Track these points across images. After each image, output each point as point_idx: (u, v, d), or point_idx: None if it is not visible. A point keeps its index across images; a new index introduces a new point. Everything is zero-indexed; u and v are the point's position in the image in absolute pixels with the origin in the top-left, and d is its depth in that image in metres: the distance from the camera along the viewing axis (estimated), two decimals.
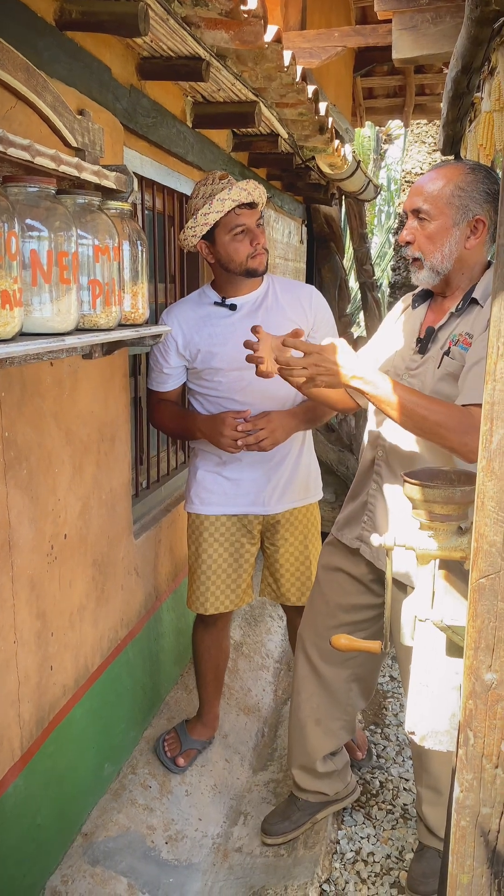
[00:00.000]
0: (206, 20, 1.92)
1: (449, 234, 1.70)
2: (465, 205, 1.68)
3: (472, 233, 1.70)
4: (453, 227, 1.69)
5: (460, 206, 1.68)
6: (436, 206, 1.69)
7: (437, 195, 1.69)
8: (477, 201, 1.68)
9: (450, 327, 1.76)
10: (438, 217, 1.70)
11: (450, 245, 1.70)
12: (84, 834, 2.11)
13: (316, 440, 4.33)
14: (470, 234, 1.70)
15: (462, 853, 0.99)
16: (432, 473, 1.28)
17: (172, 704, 2.78)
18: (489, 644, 0.92)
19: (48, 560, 1.85)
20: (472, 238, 1.70)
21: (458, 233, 1.70)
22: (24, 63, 1.39)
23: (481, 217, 1.69)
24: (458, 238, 1.70)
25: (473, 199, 1.68)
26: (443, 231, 1.70)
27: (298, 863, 2.15)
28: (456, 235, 1.70)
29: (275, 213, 4.28)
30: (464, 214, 1.69)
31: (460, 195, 1.68)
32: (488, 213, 1.69)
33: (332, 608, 2.07)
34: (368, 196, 5.56)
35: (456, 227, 1.69)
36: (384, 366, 1.89)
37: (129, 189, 1.74)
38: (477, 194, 1.68)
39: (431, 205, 1.70)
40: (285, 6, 4.32)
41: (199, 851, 2.21)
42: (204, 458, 2.35)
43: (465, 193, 1.68)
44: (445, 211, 1.69)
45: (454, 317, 1.76)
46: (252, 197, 2.12)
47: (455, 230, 1.70)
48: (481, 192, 1.68)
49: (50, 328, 1.35)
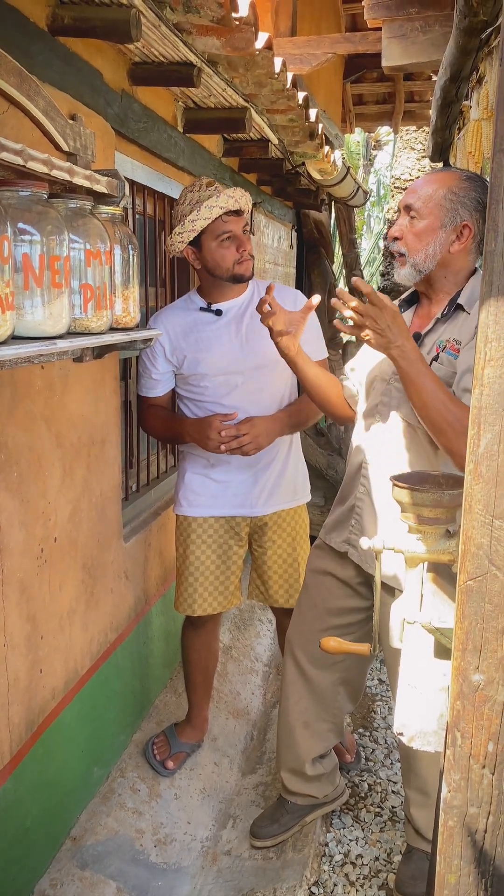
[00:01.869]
0: (198, 27, 1.93)
1: (435, 234, 1.74)
2: (454, 209, 1.72)
3: (457, 237, 1.74)
4: (440, 229, 1.73)
5: (450, 209, 1.72)
6: (426, 205, 1.74)
7: (430, 196, 1.73)
8: (466, 207, 1.72)
9: (436, 333, 1.78)
10: (427, 217, 1.74)
11: (434, 246, 1.74)
12: (73, 838, 2.10)
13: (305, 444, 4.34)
14: (455, 239, 1.74)
15: (449, 853, 1.00)
16: (421, 477, 1.30)
17: (162, 708, 2.78)
18: (476, 646, 0.93)
19: (38, 563, 1.85)
20: (457, 243, 1.74)
21: (444, 235, 1.73)
22: (17, 68, 1.40)
23: (468, 223, 1.72)
24: (443, 240, 1.74)
25: (463, 205, 1.72)
26: (430, 231, 1.74)
27: (287, 865, 2.16)
28: (441, 237, 1.73)
29: (265, 218, 4.30)
30: (452, 218, 1.72)
31: (451, 199, 1.72)
32: (476, 221, 1.72)
33: (320, 612, 2.08)
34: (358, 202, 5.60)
35: (442, 230, 1.73)
36: (371, 371, 1.90)
37: (121, 193, 1.75)
38: (468, 201, 1.72)
39: (423, 204, 1.74)
40: (276, 13, 4.35)
41: (187, 855, 2.21)
42: (192, 461, 2.36)
43: (457, 198, 1.72)
44: (435, 212, 1.73)
45: (440, 322, 1.78)
46: (239, 204, 2.14)
47: (441, 232, 1.73)
48: (472, 200, 1.71)
49: (41, 332, 1.36)
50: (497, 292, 0.86)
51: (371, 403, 1.91)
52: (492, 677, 0.93)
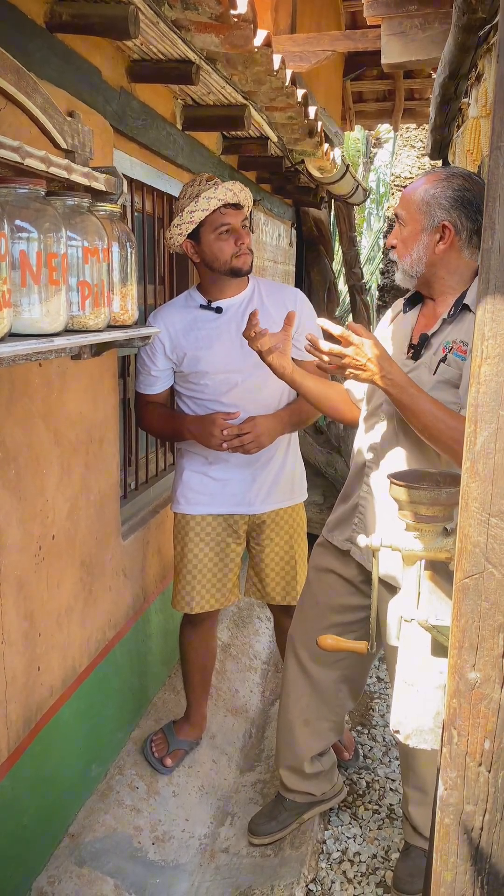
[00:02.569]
0: (196, 24, 1.92)
1: (417, 238, 1.75)
2: (430, 211, 1.73)
3: (440, 238, 1.74)
4: (421, 233, 1.75)
5: (426, 212, 1.74)
6: (409, 212, 1.76)
7: (410, 201, 1.76)
8: (443, 207, 1.72)
9: (442, 334, 1.78)
10: (410, 223, 1.76)
11: (418, 250, 1.76)
12: (71, 835, 2.11)
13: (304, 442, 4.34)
14: (439, 240, 1.74)
15: (446, 851, 1.00)
16: (418, 475, 1.30)
17: (160, 705, 2.79)
18: (473, 643, 0.93)
19: (36, 561, 1.85)
20: (441, 243, 1.74)
21: (426, 238, 1.75)
22: (14, 65, 1.40)
23: (446, 223, 1.72)
24: (426, 243, 1.75)
25: (440, 206, 1.72)
26: (413, 236, 1.76)
27: (285, 863, 2.16)
28: (424, 241, 1.75)
29: (264, 215, 4.30)
30: (430, 220, 1.74)
31: (427, 201, 1.73)
32: (458, 218, 1.71)
33: (322, 609, 2.09)
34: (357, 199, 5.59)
35: (424, 233, 1.75)
36: None
37: (119, 191, 1.75)
38: (443, 200, 1.72)
39: (406, 210, 1.76)
40: (275, 10, 4.34)
41: (185, 852, 2.21)
42: (190, 459, 2.36)
43: (433, 200, 1.73)
44: (416, 216, 1.75)
45: (446, 323, 1.78)
46: (238, 198, 2.13)
47: (423, 235, 1.75)
48: (448, 199, 1.72)
49: (39, 329, 1.36)
50: (494, 290, 0.86)
51: (374, 404, 1.91)
52: (488, 675, 0.93)
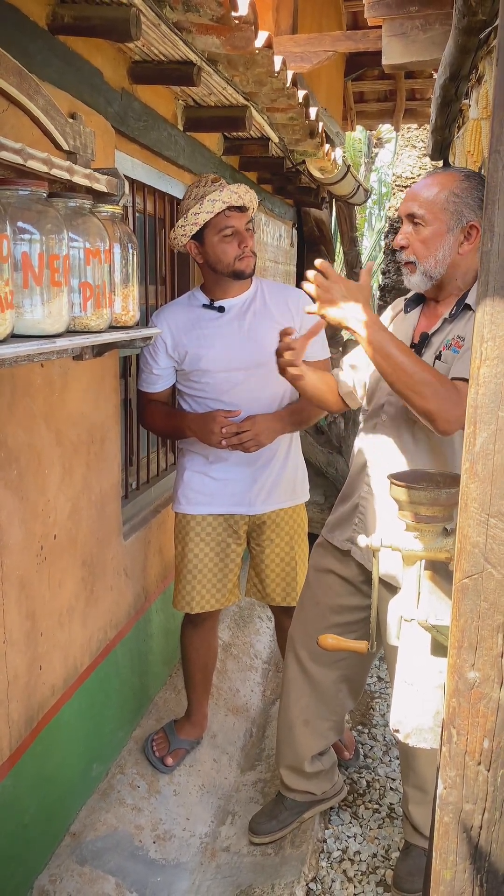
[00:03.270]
0: (198, 25, 1.93)
1: (443, 239, 1.72)
2: (459, 210, 1.70)
3: (465, 238, 1.72)
4: (447, 233, 1.71)
5: (455, 211, 1.70)
6: (431, 211, 1.71)
7: (433, 201, 1.71)
8: (471, 207, 1.70)
9: (443, 333, 1.77)
10: (433, 222, 1.71)
11: (443, 250, 1.72)
12: (72, 833, 2.11)
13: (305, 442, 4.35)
14: (464, 240, 1.72)
15: (445, 849, 1.01)
16: (418, 475, 1.30)
17: (161, 704, 2.79)
18: (472, 643, 0.93)
19: (38, 560, 1.86)
20: (466, 244, 1.72)
21: (451, 238, 1.72)
22: (16, 67, 1.41)
23: (475, 223, 1.70)
24: (451, 244, 1.72)
25: (468, 206, 1.70)
26: (437, 236, 1.72)
27: (285, 862, 2.17)
28: (450, 241, 1.72)
29: (265, 216, 4.30)
30: (458, 220, 1.70)
31: (455, 201, 1.70)
32: (481, 220, 1.71)
33: (322, 609, 2.09)
34: (358, 200, 5.60)
35: (450, 233, 1.71)
36: (375, 372, 1.90)
37: (121, 192, 1.75)
38: (471, 200, 1.70)
39: (427, 210, 1.71)
40: (277, 10, 4.35)
41: (186, 851, 2.22)
42: (191, 459, 2.36)
43: (460, 199, 1.70)
44: (440, 216, 1.71)
45: (447, 322, 1.77)
46: (243, 200, 2.14)
47: (449, 236, 1.71)
48: (475, 199, 1.70)
49: (41, 330, 1.36)
50: (493, 292, 0.86)
51: (376, 404, 1.91)
52: (487, 675, 0.93)
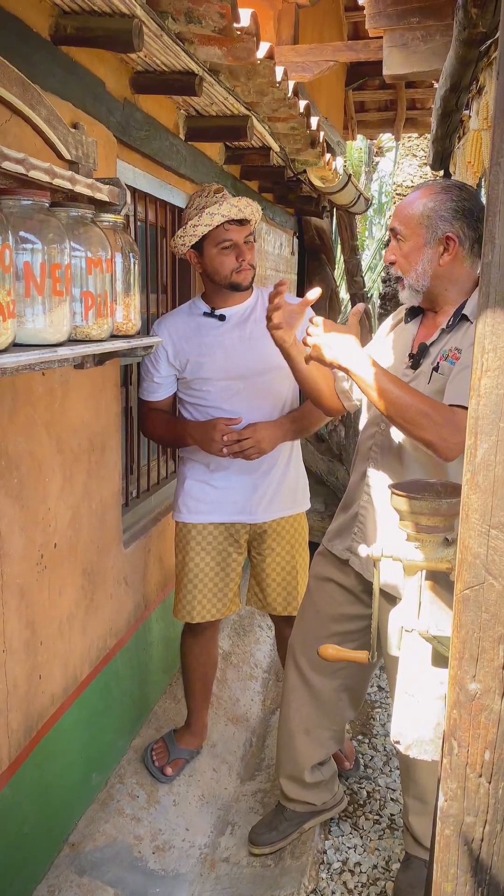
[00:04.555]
0: (200, 36, 1.94)
1: (421, 252, 1.75)
2: (433, 224, 1.73)
3: (444, 250, 1.74)
4: (425, 246, 1.74)
5: (428, 225, 1.73)
6: (408, 226, 1.75)
7: (409, 216, 1.75)
8: (445, 219, 1.72)
9: (441, 343, 1.78)
10: (411, 237, 1.75)
11: (423, 263, 1.75)
12: (71, 844, 2.10)
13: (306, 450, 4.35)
14: (443, 252, 1.74)
15: (446, 862, 1.00)
16: (419, 485, 1.30)
17: (161, 714, 2.78)
18: (473, 654, 0.93)
19: (38, 569, 1.85)
20: (446, 255, 1.74)
21: (430, 251, 1.74)
22: (19, 77, 1.41)
23: (450, 234, 1.72)
24: (430, 256, 1.75)
25: (442, 218, 1.72)
26: (415, 250, 1.75)
27: (285, 873, 2.15)
28: (428, 254, 1.75)
29: (266, 225, 4.31)
30: (433, 233, 1.73)
31: (429, 215, 1.73)
32: (459, 229, 1.72)
33: (322, 618, 2.09)
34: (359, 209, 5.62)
35: (427, 246, 1.74)
36: None
37: (122, 202, 1.76)
38: (444, 212, 1.72)
39: (405, 225, 1.76)
40: (278, 21, 4.37)
41: (186, 861, 2.21)
42: (192, 467, 2.36)
43: (434, 213, 1.73)
44: (417, 231, 1.74)
45: (445, 333, 1.79)
46: (243, 214, 2.15)
47: (427, 249, 1.74)
48: (449, 210, 1.72)
49: (43, 339, 1.36)
50: (494, 303, 0.86)
51: (375, 413, 1.91)
52: (488, 686, 0.93)
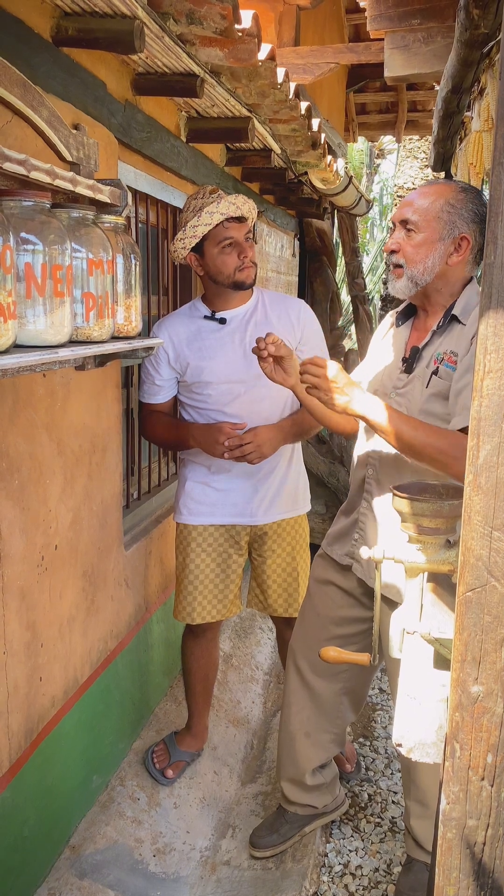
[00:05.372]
0: (201, 38, 1.94)
1: (434, 247, 1.73)
2: (452, 221, 1.71)
3: (455, 250, 1.73)
4: (438, 242, 1.72)
5: (448, 221, 1.71)
6: (424, 218, 1.72)
7: (427, 208, 1.72)
8: (464, 219, 1.71)
9: (433, 345, 1.78)
10: (425, 229, 1.73)
11: (433, 258, 1.73)
12: (71, 846, 2.10)
13: (307, 452, 4.34)
14: (454, 251, 1.73)
15: (448, 865, 1.00)
16: (421, 487, 1.30)
17: (161, 716, 2.78)
18: (476, 657, 0.93)
19: (39, 571, 1.85)
20: (455, 255, 1.73)
21: (442, 248, 1.73)
22: (21, 79, 1.41)
23: (466, 235, 1.72)
24: (441, 253, 1.73)
25: (461, 217, 1.71)
26: (428, 244, 1.73)
27: (286, 876, 2.15)
28: (440, 250, 1.73)
29: (267, 226, 4.31)
30: (450, 231, 1.72)
31: (449, 211, 1.71)
32: (474, 233, 1.72)
33: (323, 621, 2.08)
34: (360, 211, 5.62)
35: (441, 242, 1.72)
36: (372, 385, 1.90)
37: (124, 203, 1.76)
38: (465, 212, 1.71)
39: (420, 216, 1.73)
40: (279, 23, 4.38)
41: (186, 864, 2.20)
42: (193, 469, 2.36)
43: (454, 210, 1.71)
44: (433, 224, 1.72)
45: (436, 335, 1.78)
46: (241, 211, 2.14)
47: (440, 244, 1.72)
48: (469, 212, 1.71)
49: (43, 340, 1.36)
50: (497, 304, 0.86)
51: None
52: (491, 689, 0.92)
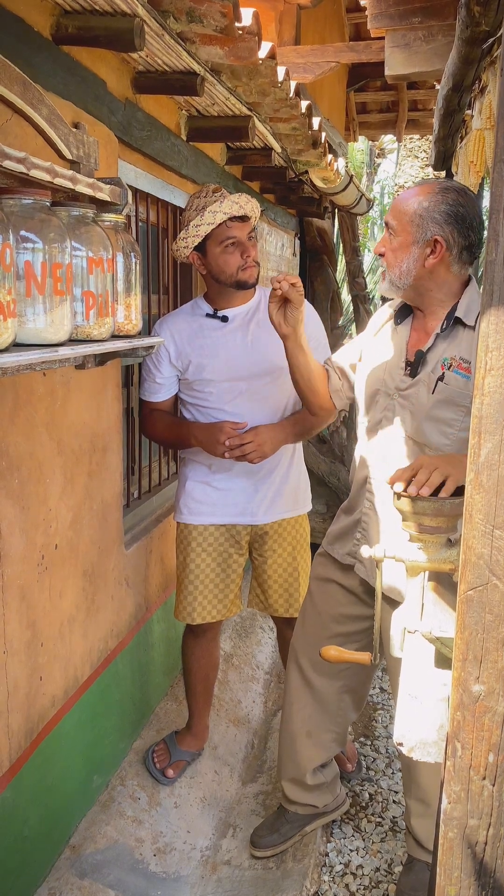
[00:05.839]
0: (201, 36, 1.94)
1: (408, 251, 1.73)
2: (423, 224, 1.71)
3: (431, 252, 1.72)
4: (412, 245, 1.72)
5: (419, 224, 1.71)
6: (400, 222, 1.73)
7: (402, 212, 1.73)
8: (437, 222, 1.70)
9: (437, 350, 1.77)
10: (401, 233, 1.73)
11: (408, 262, 1.73)
12: (72, 846, 2.09)
13: (307, 451, 4.34)
14: (430, 254, 1.72)
15: (449, 865, 0.99)
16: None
17: (162, 716, 2.77)
18: (477, 656, 0.92)
19: (39, 570, 1.85)
20: (431, 257, 1.72)
21: (416, 251, 1.72)
22: (21, 77, 1.41)
23: (438, 237, 1.70)
24: (416, 256, 1.72)
25: (433, 220, 1.70)
26: (403, 247, 1.73)
27: (287, 876, 2.14)
28: (414, 253, 1.72)
29: (268, 225, 4.31)
30: (422, 234, 1.71)
31: (421, 214, 1.71)
32: (450, 234, 1.69)
33: (324, 619, 2.08)
34: (361, 210, 5.62)
35: (414, 245, 1.72)
36: (374, 385, 1.89)
37: (124, 202, 1.75)
38: (437, 214, 1.69)
39: (397, 221, 1.74)
40: (280, 22, 4.37)
41: (187, 864, 2.20)
42: (193, 469, 2.36)
43: (426, 213, 1.70)
44: (407, 228, 1.72)
45: (441, 338, 1.77)
46: (244, 210, 2.14)
47: (414, 248, 1.72)
48: (441, 213, 1.69)
49: (43, 339, 1.36)
50: (498, 302, 0.86)
51: (374, 418, 1.89)
52: (492, 688, 0.92)
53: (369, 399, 1.91)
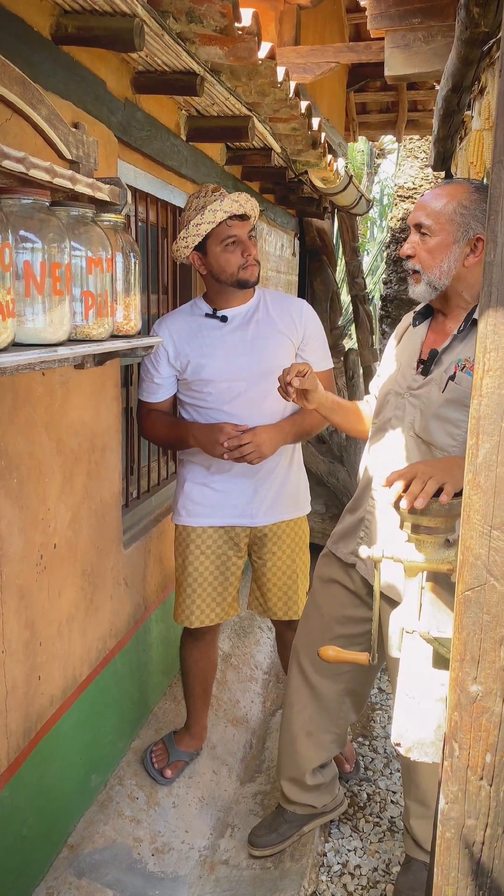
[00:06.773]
0: (201, 36, 1.94)
1: (449, 250, 1.71)
2: (466, 223, 1.69)
3: (471, 251, 1.70)
4: (453, 244, 1.70)
5: (461, 223, 1.69)
6: (438, 222, 1.71)
7: (440, 211, 1.70)
8: (479, 220, 1.68)
9: (453, 350, 1.75)
10: (440, 233, 1.71)
11: (449, 261, 1.71)
12: (70, 846, 2.09)
13: (306, 452, 4.34)
14: (469, 253, 1.71)
15: (447, 865, 1.00)
16: None
17: (160, 715, 2.78)
18: (474, 656, 0.93)
19: (37, 570, 1.85)
20: (472, 256, 1.71)
21: (457, 250, 1.71)
22: (20, 76, 1.41)
23: (481, 236, 1.69)
24: (457, 255, 1.71)
25: (475, 218, 1.69)
26: (443, 247, 1.71)
27: (285, 875, 2.14)
28: (456, 252, 1.71)
29: (267, 226, 4.31)
30: (464, 232, 1.69)
31: (462, 213, 1.69)
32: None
33: (327, 620, 2.07)
34: (360, 210, 5.62)
35: (456, 245, 1.70)
36: (385, 385, 1.89)
37: (123, 201, 1.75)
38: (479, 213, 1.68)
39: (434, 220, 1.71)
40: (280, 22, 4.37)
41: (185, 864, 2.20)
42: (192, 470, 2.35)
43: (468, 212, 1.69)
44: (447, 227, 1.70)
45: (457, 340, 1.75)
46: (244, 209, 2.14)
47: (455, 247, 1.70)
48: (483, 212, 1.68)
49: (42, 339, 1.36)
50: (496, 303, 0.86)
51: (384, 417, 1.89)
52: (490, 688, 0.92)
53: (381, 399, 1.91)
